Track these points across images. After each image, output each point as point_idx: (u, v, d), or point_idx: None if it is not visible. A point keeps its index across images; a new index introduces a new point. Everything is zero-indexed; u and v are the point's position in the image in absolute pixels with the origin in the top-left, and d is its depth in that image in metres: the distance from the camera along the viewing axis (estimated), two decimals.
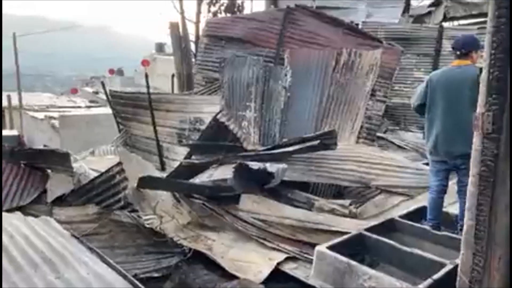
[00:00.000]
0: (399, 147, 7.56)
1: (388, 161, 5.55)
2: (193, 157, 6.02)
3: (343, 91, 6.49)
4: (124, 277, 2.56)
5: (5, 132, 14.30)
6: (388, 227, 3.57)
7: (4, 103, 18.66)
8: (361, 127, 6.35)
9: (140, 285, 2.53)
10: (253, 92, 6.84)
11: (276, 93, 6.75)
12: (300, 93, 6.62)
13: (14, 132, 15.22)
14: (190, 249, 4.12)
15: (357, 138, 6.30)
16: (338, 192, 5.53)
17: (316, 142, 5.01)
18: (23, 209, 4.47)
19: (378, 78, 6.49)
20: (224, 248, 4.28)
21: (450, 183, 3.93)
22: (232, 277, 3.76)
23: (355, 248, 3.26)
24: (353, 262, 2.89)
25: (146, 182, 4.67)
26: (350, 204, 4.69)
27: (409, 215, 3.83)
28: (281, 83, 6.73)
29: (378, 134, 7.13)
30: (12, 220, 3.32)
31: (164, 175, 5.57)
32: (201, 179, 5.10)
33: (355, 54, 6.57)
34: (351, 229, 3.98)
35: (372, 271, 2.80)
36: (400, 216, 3.75)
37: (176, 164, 6.03)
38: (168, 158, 7.07)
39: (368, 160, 5.42)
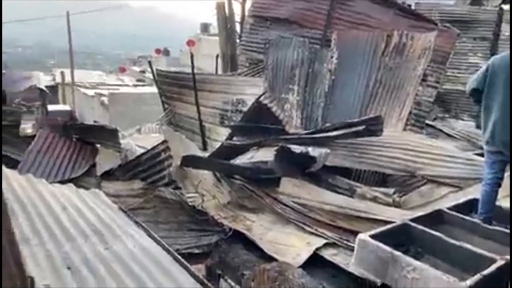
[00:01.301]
0: (449, 135, 7.20)
1: (436, 150, 5.31)
2: (234, 138, 6.07)
3: (392, 75, 6.23)
4: (168, 251, 2.64)
5: (58, 107, 15.06)
6: (435, 219, 3.43)
7: (58, 79, 19.62)
8: (410, 113, 6.10)
9: (183, 260, 2.60)
10: (297, 74, 6.73)
11: (320, 76, 6.61)
12: (346, 77, 6.44)
13: (67, 107, 15.98)
14: (230, 228, 4.19)
15: (404, 125, 6.06)
16: (381, 180, 5.38)
17: (361, 128, 4.87)
18: (74, 181, 4.71)
19: (430, 62, 6.17)
20: (263, 229, 4.31)
21: (505, 175, 3.70)
22: (271, 258, 3.79)
23: (399, 238, 3.16)
24: (397, 252, 2.81)
25: (189, 161, 4.77)
26: (394, 193, 4.55)
27: (458, 207, 3.64)
28: (327, 66, 6.56)
29: (427, 121, 6.81)
30: (65, 191, 3.51)
31: (206, 155, 5.65)
32: (242, 160, 5.13)
33: (406, 36, 6.27)
34: (394, 218, 3.86)
35: (416, 263, 2.71)
36: (449, 208, 3.58)
37: (217, 144, 6.10)
38: (210, 139, 7.17)
39: (415, 148, 5.21)
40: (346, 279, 3.51)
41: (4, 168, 3.60)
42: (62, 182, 4.41)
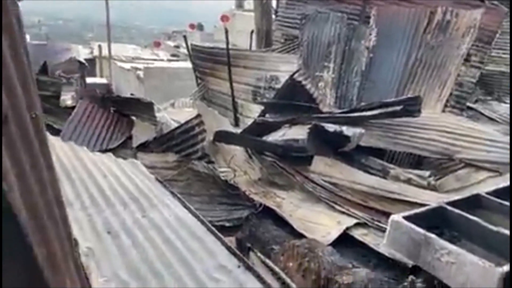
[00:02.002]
0: (490, 119, 6.89)
1: (476, 133, 5.11)
2: (267, 115, 6.05)
3: (434, 54, 5.97)
4: (202, 222, 2.71)
5: (96, 80, 15.46)
6: (472, 203, 3.32)
7: (95, 52, 20.06)
8: (450, 94, 5.86)
9: (216, 231, 2.67)
10: (333, 51, 6.57)
11: (357, 54, 6.43)
12: (384, 55, 6.23)
13: (104, 80, 16.38)
14: (260, 204, 4.24)
15: (443, 107, 5.84)
16: (416, 162, 5.25)
17: (398, 108, 4.74)
18: (111, 152, 4.87)
19: (475, 41, 5.86)
20: (292, 207, 4.34)
21: None
22: (300, 235, 3.82)
23: (434, 221, 3.09)
24: (431, 235, 2.76)
25: (222, 136, 4.83)
26: (430, 176, 4.44)
27: (497, 193, 3.51)
28: (364, 43, 6.37)
29: (468, 104, 6.54)
30: (105, 160, 3.64)
31: (238, 131, 5.69)
32: (274, 137, 5.13)
33: (451, 13, 5.96)
34: (429, 201, 3.78)
35: (451, 246, 2.65)
36: (487, 193, 3.46)
37: (249, 121, 6.12)
38: (242, 115, 7.19)
39: (454, 130, 5.04)
40: (376, 260, 3.50)
41: (48, 135, 3.76)
42: (100, 152, 4.58)
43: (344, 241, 3.72)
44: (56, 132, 5.16)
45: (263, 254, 3.77)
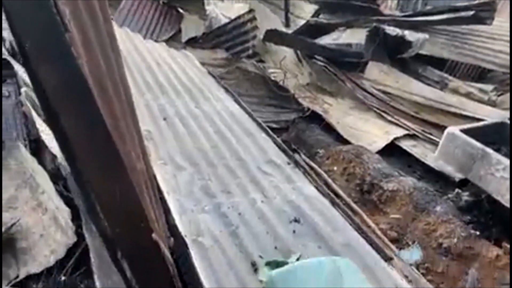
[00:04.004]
0: None
1: None
2: (320, 16, 5.68)
3: None
4: (254, 119, 2.73)
5: None
6: None
7: None
8: None
9: (267, 128, 2.68)
10: None
11: None
12: None
13: None
14: (308, 108, 4.19)
15: None
16: (478, 75, 4.88)
17: (469, 14, 4.28)
18: None
19: None
20: (340, 113, 4.26)
21: None
22: (346, 142, 3.81)
23: (492, 137, 2.96)
24: (489, 150, 2.66)
25: (273, 36, 4.62)
26: (492, 90, 4.15)
27: None
28: None
29: None
30: (158, 49, 3.61)
31: (289, 31, 5.42)
32: (327, 40, 4.87)
33: None
34: (487, 116, 3.59)
35: (508, 162, 2.56)
36: None
37: (301, 22, 5.78)
38: (293, 15, 6.78)
39: None
40: (422, 171, 3.48)
41: None
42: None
43: (391, 151, 3.69)
44: None
45: (308, 157, 3.83)
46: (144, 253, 1.12)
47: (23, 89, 2.91)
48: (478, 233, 2.61)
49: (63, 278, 2.33)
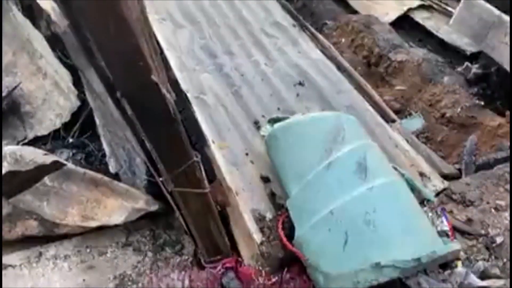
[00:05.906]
0: None
1: None
2: None
3: None
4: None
5: None
6: None
7: None
8: None
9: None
10: None
11: None
12: None
13: None
14: None
15: None
16: None
17: None
18: None
19: None
20: None
21: None
22: (355, 13, 3.59)
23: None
24: (506, 17, 2.48)
25: None
26: None
27: None
28: None
29: None
30: None
31: None
32: None
33: None
34: None
35: None
36: None
37: None
38: None
39: None
40: (434, 44, 3.33)
41: None
42: None
43: (401, 24, 3.49)
44: None
45: (315, 29, 3.64)
46: (144, 92, 1.10)
47: None
48: (482, 103, 2.58)
49: (70, 140, 2.40)
